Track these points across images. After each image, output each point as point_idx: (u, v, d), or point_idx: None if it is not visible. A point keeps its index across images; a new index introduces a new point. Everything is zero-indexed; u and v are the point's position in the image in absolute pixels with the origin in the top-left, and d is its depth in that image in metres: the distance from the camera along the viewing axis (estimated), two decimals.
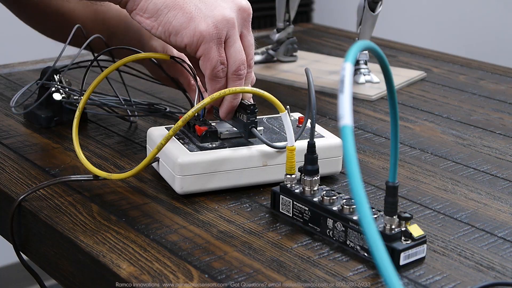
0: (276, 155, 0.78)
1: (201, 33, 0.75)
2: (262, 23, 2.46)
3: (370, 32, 1.18)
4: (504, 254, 0.68)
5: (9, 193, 0.78)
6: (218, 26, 0.76)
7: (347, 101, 0.45)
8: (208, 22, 0.76)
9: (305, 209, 0.71)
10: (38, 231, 0.74)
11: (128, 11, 0.79)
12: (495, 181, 0.83)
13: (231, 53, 0.77)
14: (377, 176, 0.84)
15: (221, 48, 0.77)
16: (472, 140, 0.96)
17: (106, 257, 0.65)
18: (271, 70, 1.25)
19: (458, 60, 1.38)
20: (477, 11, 2.23)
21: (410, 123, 1.02)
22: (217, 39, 0.76)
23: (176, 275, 0.63)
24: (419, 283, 0.63)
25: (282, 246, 0.68)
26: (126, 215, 0.73)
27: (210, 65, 0.77)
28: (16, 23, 1.09)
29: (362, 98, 1.13)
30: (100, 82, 0.82)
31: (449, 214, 0.75)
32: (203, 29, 0.75)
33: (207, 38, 0.76)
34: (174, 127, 0.72)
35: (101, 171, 0.76)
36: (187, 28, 0.76)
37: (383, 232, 0.64)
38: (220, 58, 0.77)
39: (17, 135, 0.93)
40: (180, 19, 0.76)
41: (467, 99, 1.14)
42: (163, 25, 0.76)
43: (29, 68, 1.24)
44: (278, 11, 1.27)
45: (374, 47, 0.52)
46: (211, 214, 0.73)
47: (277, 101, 0.75)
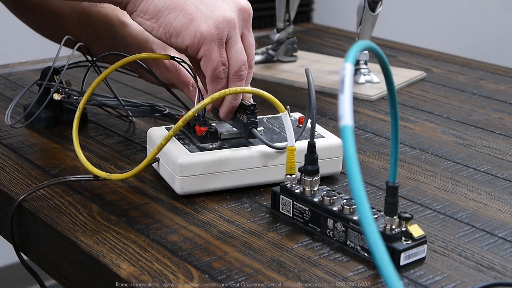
0: (276, 156, 0.78)
1: (202, 34, 0.75)
2: (262, 23, 2.46)
3: (370, 32, 1.18)
4: (505, 254, 0.68)
5: (9, 193, 0.78)
6: (219, 26, 0.76)
7: (347, 101, 0.45)
8: (209, 23, 0.75)
9: (305, 209, 0.71)
10: (38, 231, 0.74)
11: (129, 13, 0.79)
12: (495, 181, 0.83)
13: (232, 53, 0.77)
14: (377, 176, 0.84)
15: (222, 49, 0.77)
16: (472, 140, 0.96)
17: (106, 257, 0.65)
18: (271, 70, 1.25)
19: (458, 60, 1.38)
20: (477, 11, 2.23)
21: (410, 123, 1.02)
22: (218, 39, 0.76)
23: (176, 275, 0.63)
24: (419, 283, 0.63)
25: (282, 246, 0.68)
26: (126, 215, 0.73)
27: (212, 66, 0.77)
28: (16, 23, 1.09)
29: (362, 98, 1.13)
30: (100, 82, 0.82)
31: (450, 214, 0.75)
32: (204, 30, 0.75)
33: (208, 39, 0.75)
34: (174, 128, 0.72)
35: (101, 171, 0.76)
36: (188, 29, 0.75)
37: (383, 232, 0.64)
38: (222, 59, 0.77)
39: (17, 135, 0.93)
40: (181, 20, 0.76)
41: (467, 99, 1.14)
42: (163, 26, 0.76)
43: (29, 68, 1.24)
44: (278, 11, 1.27)
45: (374, 47, 0.52)
46: (211, 214, 0.73)
47: (277, 101, 0.75)
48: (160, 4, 0.76)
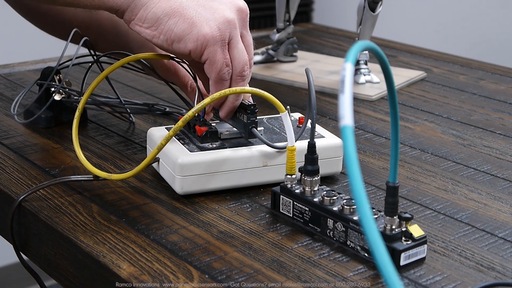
0: (276, 155, 0.78)
1: (204, 37, 0.75)
2: (262, 23, 2.46)
3: (370, 32, 1.18)
4: (505, 255, 0.68)
5: (9, 193, 0.78)
6: (221, 28, 0.76)
7: (347, 101, 0.45)
8: (211, 25, 0.75)
9: (305, 209, 0.71)
10: (38, 231, 0.74)
11: (126, 22, 0.78)
12: (495, 181, 0.83)
13: (235, 54, 0.77)
14: (378, 176, 0.84)
15: (225, 50, 0.76)
16: (472, 140, 0.96)
17: (106, 257, 0.65)
18: (271, 70, 1.25)
19: (458, 60, 1.38)
20: (477, 11, 2.23)
21: (410, 123, 1.02)
22: (221, 41, 0.76)
23: (176, 275, 0.63)
24: (419, 283, 0.63)
25: (282, 247, 0.68)
26: (126, 215, 0.73)
27: (216, 68, 0.76)
28: (16, 23, 1.10)
29: (362, 98, 1.13)
30: (100, 82, 0.82)
31: (450, 215, 0.75)
32: (207, 32, 0.75)
33: (211, 41, 0.75)
34: (174, 128, 0.72)
35: (101, 171, 0.76)
36: (190, 34, 0.75)
37: (383, 233, 0.64)
38: (225, 60, 0.76)
39: (17, 135, 0.93)
40: (182, 26, 0.75)
41: (467, 99, 1.14)
42: (164, 33, 0.76)
43: (29, 68, 1.24)
44: (278, 11, 1.27)
45: (374, 47, 0.52)
46: (211, 214, 0.73)
47: (277, 101, 0.75)
48: (159, 12, 0.76)
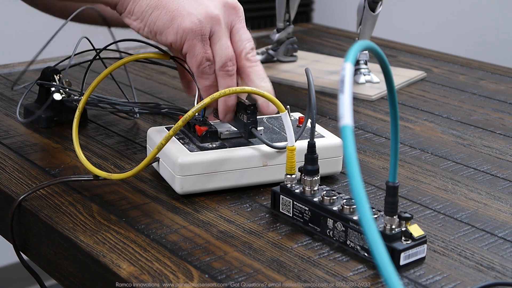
0: (276, 155, 0.78)
1: (184, 30, 0.77)
2: (262, 23, 2.46)
3: (370, 32, 1.18)
4: (504, 254, 0.68)
5: (9, 193, 0.78)
6: (202, 22, 0.77)
7: (347, 101, 0.45)
8: (192, 19, 0.77)
9: (305, 209, 0.71)
10: (38, 231, 0.74)
11: (118, 14, 0.81)
12: (495, 181, 0.83)
13: (217, 49, 0.78)
14: (377, 176, 0.84)
15: (206, 45, 0.78)
16: (472, 140, 0.96)
17: (106, 257, 0.65)
18: (271, 70, 1.25)
19: (458, 60, 1.38)
20: (477, 11, 2.23)
21: (410, 123, 1.02)
22: (200, 35, 0.77)
23: (176, 275, 0.63)
24: (419, 283, 0.63)
25: (282, 246, 0.68)
26: (126, 215, 0.73)
27: (196, 61, 0.78)
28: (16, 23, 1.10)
29: (362, 98, 1.13)
30: (100, 82, 0.82)
31: (449, 214, 0.75)
32: (187, 26, 0.77)
33: (190, 34, 0.77)
34: (174, 127, 0.72)
35: (101, 171, 0.76)
36: (171, 27, 0.77)
37: (383, 232, 0.64)
38: (206, 54, 0.78)
39: (17, 135, 0.93)
40: (163, 18, 0.77)
41: (467, 99, 1.14)
42: (148, 25, 0.78)
43: (29, 68, 1.24)
44: (278, 11, 1.27)
45: (374, 47, 0.52)
46: (211, 214, 0.73)
47: (277, 101, 0.75)
48: (144, 4, 0.78)
